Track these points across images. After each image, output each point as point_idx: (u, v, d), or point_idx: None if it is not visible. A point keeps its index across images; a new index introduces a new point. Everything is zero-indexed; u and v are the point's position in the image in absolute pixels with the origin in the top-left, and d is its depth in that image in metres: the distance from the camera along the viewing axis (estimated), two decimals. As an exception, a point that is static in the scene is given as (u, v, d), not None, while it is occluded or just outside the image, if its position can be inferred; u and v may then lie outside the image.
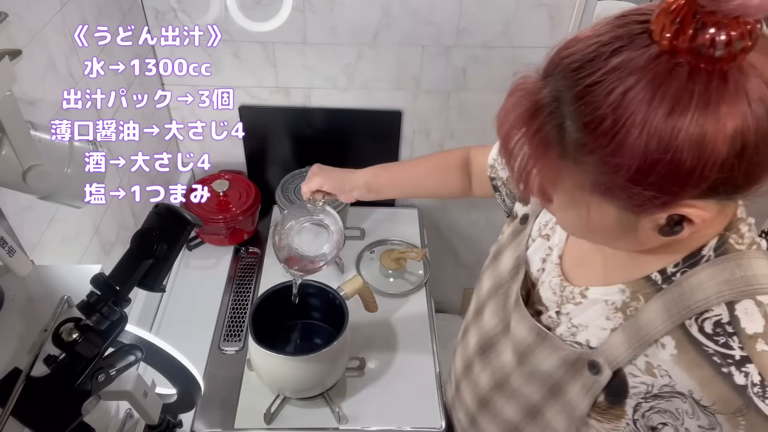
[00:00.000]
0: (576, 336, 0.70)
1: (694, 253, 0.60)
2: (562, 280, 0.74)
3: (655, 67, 0.46)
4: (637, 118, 0.47)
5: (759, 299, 0.56)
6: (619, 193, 0.51)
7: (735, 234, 0.59)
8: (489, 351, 0.85)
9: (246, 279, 1.43)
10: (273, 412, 1.13)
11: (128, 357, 0.62)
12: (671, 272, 0.61)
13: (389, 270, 1.43)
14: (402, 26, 1.35)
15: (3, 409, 0.52)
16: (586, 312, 0.69)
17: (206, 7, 1.31)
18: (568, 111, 0.50)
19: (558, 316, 0.73)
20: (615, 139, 0.48)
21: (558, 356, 0.72)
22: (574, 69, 0.50)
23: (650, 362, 0.62)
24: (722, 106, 0.45)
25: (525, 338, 0.76)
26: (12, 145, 0.56)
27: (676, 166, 0.47)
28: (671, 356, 0.60)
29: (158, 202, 0.63)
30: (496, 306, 0.83)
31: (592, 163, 0.50)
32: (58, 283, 0.68)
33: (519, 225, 0.85)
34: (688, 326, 0.59)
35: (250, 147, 1.58)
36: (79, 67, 0.99)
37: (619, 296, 0.66)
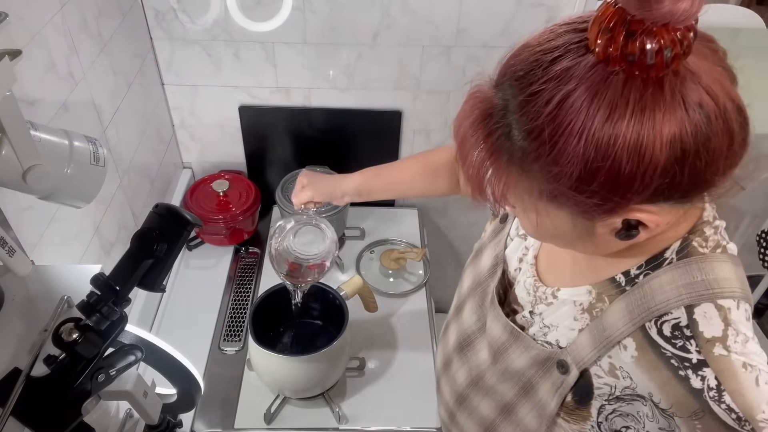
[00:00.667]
0: (547, 336, 0.71)
1: (657, 256, 0.60)
2: (536, 281, 0.75)
3: (592, 76, 0.47)
4: (575, 126, 0.47)
5: (719, 303, 0.56)
6: (565, 201, 0.52)
7: (699, 237, 0.59)
8: (467, 348, 0.86)
9: (246, 279, 1.43)
10: (273, 412, 1.13)
11: (128, 357, 0.62)
12: (634, 274, 0.61)
13: (389, 270, 1.43)
14: (402, 26, 1.35)
15: (3, 409, 0.52)
16: (556, 312, 0.70)
17: (206, 7, 1.31)
18: (514, 119, 0.50)
19: (531, 316, 0.74)
20: (555, 148, 0.48)
21: (529, 355, 0.72)
22: (518, 78, 0.51)
23: (613, 363, 0.63)
24: (658, 112, 0.46)
25: (499, 337, 0.77)
26: (12, 145, 0.56)
27: (616, 173, 0.47)
28: (632, 358, 0.60)
29: (158, 202, 0.63)
30: (475, 304, 0.84)
31: (537, 170, 0.51)
32: (58, 283, 0.68)
33: (499, 224, 0.86)
34: (647, 328, 0.59)
35: (250, 147, 1.58)
36: (79, 67, 0.99)
37: (586, 297, 0.66)
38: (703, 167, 0.48)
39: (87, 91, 1.03)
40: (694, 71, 0.47)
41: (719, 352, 0.55)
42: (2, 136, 0.55)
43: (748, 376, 0.55)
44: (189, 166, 1.63)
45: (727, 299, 0.56)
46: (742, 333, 0.56)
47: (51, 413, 0.57)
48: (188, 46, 1.37)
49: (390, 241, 1.54)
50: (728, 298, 0.56)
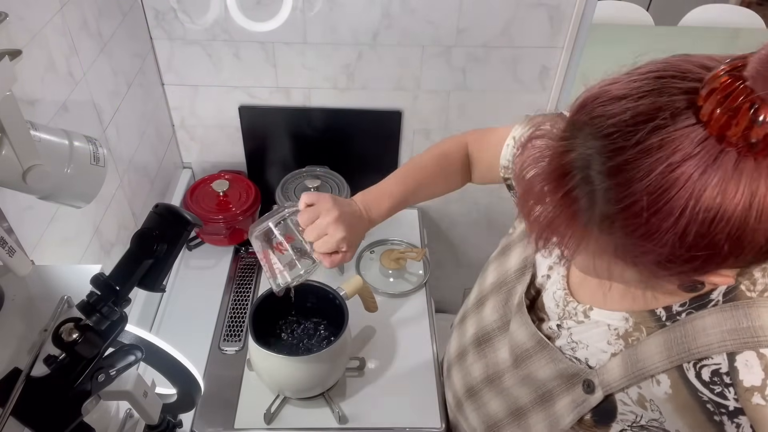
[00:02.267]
0: (576, 351, 0.70)
1: (703, 296, 0.58)
2: (567, 294, 0.72)
3: (701, 153, 0.42)
4: (675, 204, 0.42)
5: (762, 351, 0.54)
6: (643, 269, 0.49)
7: (747, 280, 0.56)
8: (485, 345, 0.85)
9: (246, 279, 1.43)
10: (273, 412, 1.13)
11: (128, 357, 0.62)
12: (677, 311, 0.60)
13: (389, 270, 1.43)
14: (402, 26, 1.35)
15: (3, 409, 0.52)
16: (588, 332, 0.69)
17: (206, 7, 1.31)
18: (599, 182, 0.46)
19: (559, 329, 0.73)
20: (648, 223, 0.44)
21: (556, 368, 0.71)
22: (606, 135, 0.45)
23: (643, 395, 0.62)
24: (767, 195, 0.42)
25: (524, 343, 0.76)
26: (12, 145, 0.56)
27: (711, 255, 0.44)
28: (665, 394, 0.60)
29: (158, 202, 0.63)
30: (498, 303, 0.83)
31: (620, 237, 0.46)
32: (58, 283, 0.68)
33: None
34: (685, 369, 0.58)
35: (250, 147, 1.58)
36: (79, 67, 0.99)
37: (622, 323, 0.65)
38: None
39: (87, 91, 1.03)
40: None
41: (757, 401, 0.53)
42: (2, 136, 0.55)
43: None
44: (189, 166, 1.63)
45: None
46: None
47: (51, 413, 0.57)
48: (188, 46, 1.37)
49: (390, 241, 1.54)
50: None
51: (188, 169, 1.62)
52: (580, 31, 1.35)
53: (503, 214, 1.75)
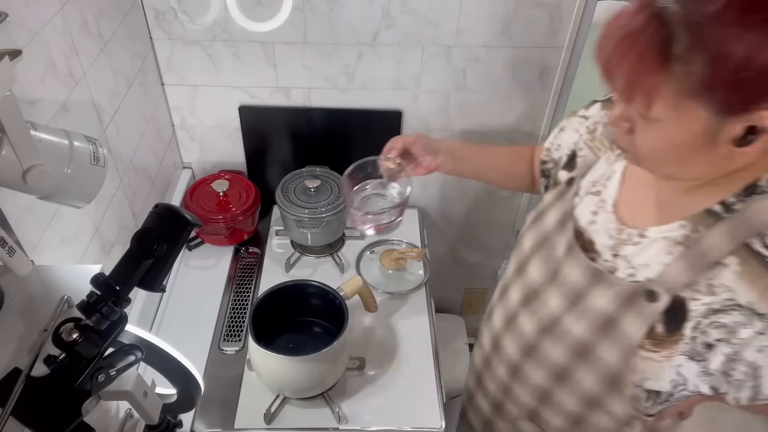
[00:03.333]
0: (636, 276, 0.76)
1: (752, 185, 0.68)
2: (619, 224, 0.80)
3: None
4: (742, 17, 0.54)
5: None
6: (719, 89, 0.57)
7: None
8: (534, 301, 0.89)
9: (246, 279, 1.43)
10: (273, 412, 1.13)
11: (128, 357, 0.62)
12: (731, 202, 0.69)
13: (389, 270, 1.43)
14: (402, 26, 1.35)
15: (3, 409, 0.52)
16: (646, 251, 0.75)
17: (206, 7, 1.31)
18: (678, 18, 0.57)
19: (615, 259, 0.79)
20: (724, 35, 0.54)
21: (613, 292, 0.77)
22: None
23: (712, 283, 0.69)
24: None
25: (578, 281, 0.81)
26: (12, 145, 0.56)
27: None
28: (734, 272, 0.67)
29: (158, 202, 0.63)
30: (542, 259, 0.89)
31: (700, 60, 0.56)
32: (58, 283, 0.68)
33: (564, 187, 0.91)
34: (751, 244, 0.66)
35: (250, 147, 1.58)
36: (79, 67, 0.99)
37: (679, 231, 0.72)
38: None
39: (87, 91, 1.03)
40: None
41: None
42: (2, 136, 0.55)
43: None
44: (189, 166, 1.63)
45: None
46: None
47: (51, 413, 0.57)
48: (188, 46, 1.37)
49: (390, 241, 1.54)
50: None
51: (188, 169, 1.62)
52: (580, 31, 1.35)
53: (503, 214, 1.75)
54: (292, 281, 1.21)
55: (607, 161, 0.87)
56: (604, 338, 0.79)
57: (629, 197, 0.81)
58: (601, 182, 0.85)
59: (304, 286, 1.21)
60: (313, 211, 1.39)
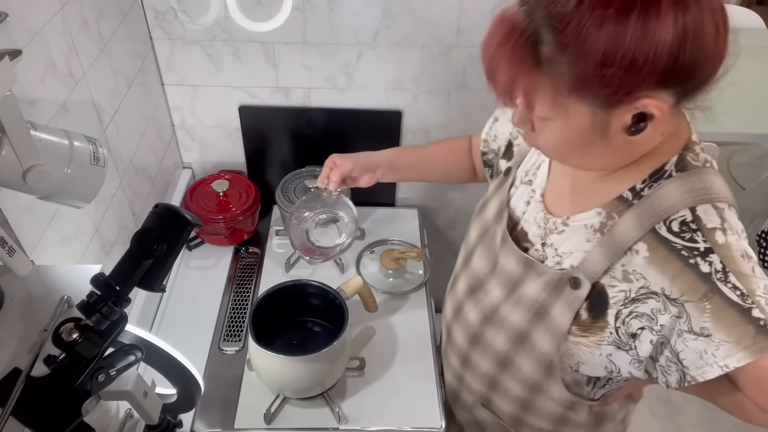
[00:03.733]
0: (562, 264, 0.78)
1: (658, 170, 0.69)
2: (546, 213, 0.82)
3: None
4: (597, 12, 0.55)
5: (716, 204, 0.66)
6: (591, 84, 0.59)
7: (691, 153, 0.69)
8: (478, 291, 0.92)
9: (246, 279, 1.43)
10: (273, 412, 1.13)
11: (128, 357, 0.63)
12: (640, 188, 0.71)
13: (389, 270, 1.43)
14: (402, 26, 1.35)
15: (3, 409, 0.52)
16: (570, 239, 0.78)
17: (206, 7, 1.31)
18: (541, 18, 0.59)
19: (544, 248, 0.81)
20: (582, 32, 0.56)
21: (542, 280, 0.79)
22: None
23: (626, 269, 0.71)
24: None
25: (514, 270, 0.84)
26: (12, 145, 0.56)
27: (633, 49, 0.55)
28: (644, 258, 0.69)
29: (158, 202, 0.63)
30: (484, 250, 0.91)
31: (565, 60, 0.58)
32: (58, 283, 0.68)
33: (502, 177, 0.93)
34: (657, 229, 0.68)
35: (250, 147, 1.58)
36: (79, 67, 0.99)
37: (596, 218, 0.75)
38: (698, 51, 0.56)
39: (87, 91, 1.03)
40: None
41: (721, 240, 0.65)
42: (2, 136, 0.55)
43: (747, 264, 0.65)
44: (189, 166, 1.63)
45: (722, 202, 0.67)
46: (735, 230, 0.66)
47: (51, 413, 0.57)
48: (188, 46, 1.37)
49: (390, 241, 1.54)
50: (722, 202, 0.67)
51: (188, 169, 1.62)
52: (580, 31, 1.35)
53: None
54: (292, 281, 1.21)
55: (536, 151, 0.88)
56: (538, 325, 0.81)
57: (554, 186, 0.83)
58: (533, 171, 0.88)
59: (304, 286, 1.21)
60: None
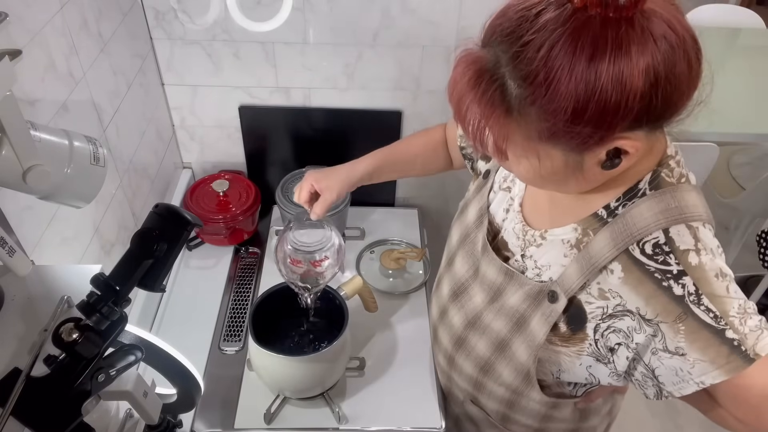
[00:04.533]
0: (541, 276, 0.78)
1: (632, 188, 0.69)
2: (524, 225, 0.82)
3: (573, 22, 0.53)
4: (564, 67, 0.54)
5: (689, 224, 0.66)
6: (561, 136, 0.58)
7: (666, 169, 0.68)
8: (461, 295, 0.92)
9: (246, 279, 1.43)
10: (273, 412, 1.13)
11: (128, 357, 0.63)
12: (614, 206, 0.70)
13: (389, 270, 1.43)
14: (402, 26, 1.35)
15: (3, 409, 0.52)
16: (548, 253, 0.77)
17: (206, 7, 1.31)
18: (507, 70, 0.57)
19: (523, 260, 0.81)
20: (550, 88, 0.55)
21: (523, 291, 0.79)
22: (507, 34, 0.57)
23: (602, 288, 0.71)
24: (633, 46, 0.53)
25: (495, 279, 0.84)
26: (12, 145, 0.56)
27: (604, 103, 0.54)
28: (619, 279, 0.69)
29: (158, 202, 0.63)
30: (465, 254, 0.91)
31: (535, 112, 0.57)
32: (58, 283, 0.68)
33: (482, 180, 0.93)
34: (631, 250, 0.67)
35: (250, 147, 1.58)
36: (79, 67, 0.99)
37: (572, 234, 0.74)
38: (672, 90, 0.56)
39: (87, 91, 1.03)
40: (655, 8, 0.54)
41: (694, 260, 0.64)
42: (2, 136, 0.55)
43: (720, 284, 0.64)
44: (189, 166, 1.63)
45: (696, 221, 0.66)
46: (710, 249, 0.65)
47: (51, 413, 0.57)
48: (188, 46, 1.37)
49: (390, 241, 1.54)
50: (696, 221, 0.66)
51: (188, 169, 1.62)
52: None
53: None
54: (292, 281, 1.21)
55: None
56: (518, 335, 0.82)
57: (532, 197, 0.83)
58: (511, 178, 0.87)
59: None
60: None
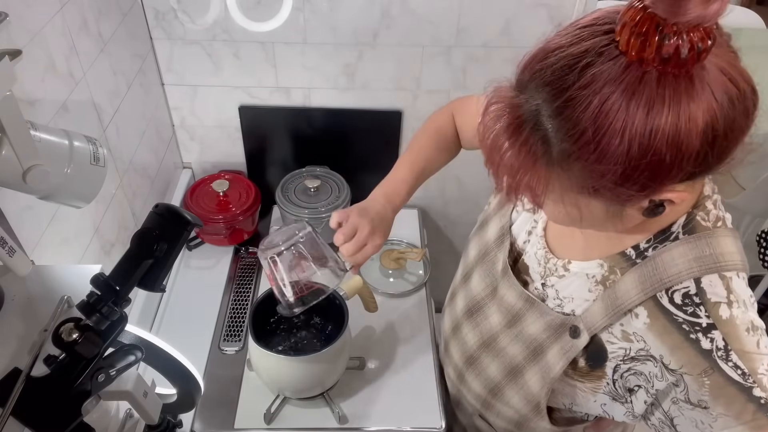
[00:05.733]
0: (563, 307, 0.75)
1: (664, 230, 0.65)
2: (547, 252, 0.78)
3: (627, 77, 0.49)
4: (616, 126, 0.49)
5: (723, 274, 0.62)
6: (606, 193, 0.55)
7: (702, 212, 0.64)
8: (477, 314, 0.89)
9: (246, 279, 1.43)
10: (273, 412, 1.13)
11: (128, 357, 0.62)
12: (644, 248, 0.66)
13: (389, 270, 1.43)
14: (402, 26, 1.35)
15: (3, 409, 0.52)
16: (570, 285, 0.74)
17: (206, 7, 1.31)
18: (550, 125, 0.52)
19: (544, 288, 0.78)
20: (598, 148, 0.50)
21: (544, 321, 0.76)
22: (548, 83, 0.52)
23: (626, 330, 0.68)
24: (692, 104, 0.49)
25: (514, 304, 0.81)
26: (12, 145, 0.56)
27: (657, 164, 0.50)
28: (644, 324, 0.66)
29: (158, 202, 0.63)
30: (483, 272, 0.88)
31: (579, 169, 0.53)
32: (58, 283, 0.68)
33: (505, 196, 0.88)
34: (659, 297, 0.64)
35: (250, 147, 1.58)
36: (79, 67, 0.99)
37: (598, 270, 0.71)
38: (729, 145, 0.52)
39: (87, 91, 1.03)
40: (713, 59, 0.50)
41: (725, 315, 0.61)
42: (2, 136, 0.55)
43: (751, 339, 0.60)
44: (189, 166, 1.63)
45: (730, 271, 0.62)
46: (742, 300, 0.62)
47: (51, 413, 0.57)
48: (188, 46, 1.37)
49: (390, 241, 1.54)
50: (731, 270, 0.62)
51: (188, 169, 1.62)
52: (580, 31, 1.35)
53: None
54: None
55: None
56: (533, 364, 0.79)
57: (557, 225, 0.78)
58: None
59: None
60: (313, 211, 1.39)
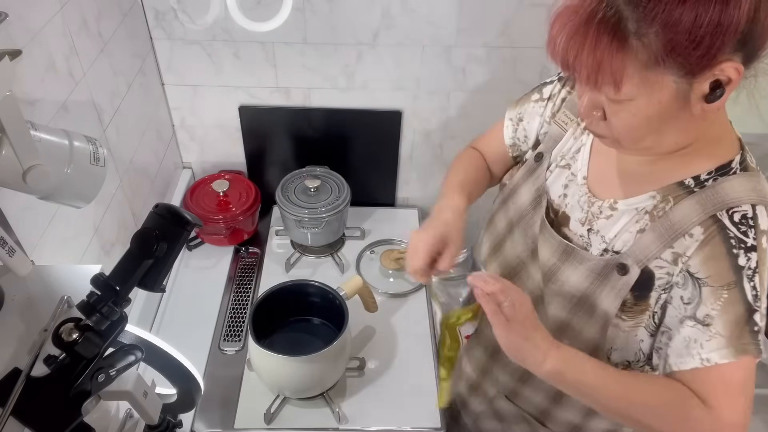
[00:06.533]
0: (609, 249, 0.79)
1: (725, 165, 0.72)
2: (590, 197, 0.82)
3: None
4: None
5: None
6: (675, 58, 0.59)
7: (748, 155, 0.74)
8: (515, 279, 0.90)
9: (246, 279, 1.43)
10: (273, 412, 1.13)
11: (128, 357, 0.62)
12: (704, 178, 0.73)
13: (389, 270, 1.43)
14: (402, 26, 1.35)
15: (3, 409, 0.52)
16: (617, 223, 0.78)
17: (206, 7, 1.31)
18: (621, 1, 0.59)
19: (589, 235, 0.81)
20: (666, 8, 0.57)
21: (585, 267, 0.79)
22: None
23: (677, 252, 0.73)
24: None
25: (549, 258, 0.84)
26: (12, 145, 0.56)
27: (720, 10, 0.57)
28: (697, 242, 0.71)
29: (158, 202, 0.63)
30: (520, 236, 0.90)
31: (653, 32, 0.59)
32: (58, 283, 0.68)
33: (533, 163, 0.92)
34: (719, 216, 0.70)
35: (250, 147, 1.58)
36: (79, 67, 0.99)
37: (649, 202, 0.76)
38: (766, 17, 0.58)
39: (87, 91, 1.03)
40: None
41: (765, 244, 0.69)
42: (2, 136, 0.55)
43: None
44: (189, 166, 1.63)
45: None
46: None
47: (51, 413, 0.57)
48: (188, 46, 1.37)
49: (390, 241, 1.54)
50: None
51: (188, 169, 1.62)
52: (580, 31, 1.35)
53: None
54: (292, 281, 1.22)
55: (573, 135, 0.88)
56: (581, 315, 0.81)
57: (599, 169, 0.83)
58: (570, 155, 0.87)
59: (304, 286, 1.21)
60: (313, 211, 1.39)
